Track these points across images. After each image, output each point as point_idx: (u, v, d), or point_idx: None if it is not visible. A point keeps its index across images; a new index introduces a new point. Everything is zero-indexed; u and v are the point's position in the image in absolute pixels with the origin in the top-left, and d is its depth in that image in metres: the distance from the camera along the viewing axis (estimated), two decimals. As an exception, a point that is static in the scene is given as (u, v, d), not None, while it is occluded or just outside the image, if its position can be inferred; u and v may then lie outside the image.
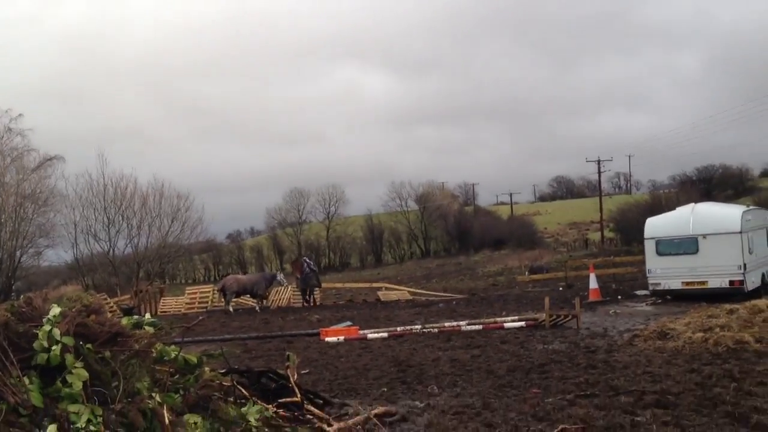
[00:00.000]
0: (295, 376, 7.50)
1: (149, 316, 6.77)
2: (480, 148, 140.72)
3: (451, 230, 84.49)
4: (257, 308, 25.89)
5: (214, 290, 29.45)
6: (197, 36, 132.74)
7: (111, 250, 40.13)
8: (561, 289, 26.92)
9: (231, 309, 25.31)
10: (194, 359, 6.67)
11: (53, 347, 5.33)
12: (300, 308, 26.10)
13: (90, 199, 40.37)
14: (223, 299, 26.62)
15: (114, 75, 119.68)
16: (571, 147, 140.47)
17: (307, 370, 10.51)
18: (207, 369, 6.80)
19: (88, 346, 5.66)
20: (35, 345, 5.34)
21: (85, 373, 5.36)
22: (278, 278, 27.06)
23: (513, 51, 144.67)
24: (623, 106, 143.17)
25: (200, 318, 8.36)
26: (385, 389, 9.30)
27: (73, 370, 5.33)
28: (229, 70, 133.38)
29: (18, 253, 38.33)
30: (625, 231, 61.61)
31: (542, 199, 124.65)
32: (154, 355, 6.46)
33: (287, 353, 7.50)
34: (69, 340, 5.45)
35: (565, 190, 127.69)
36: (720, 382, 8.37)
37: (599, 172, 72.23)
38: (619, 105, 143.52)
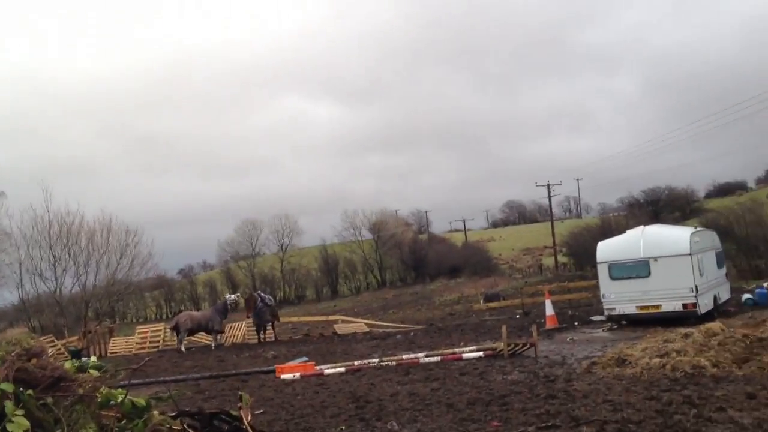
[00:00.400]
0: (249, 417, 7.21)
1: (94, 359, 6.44)
2: (430, 174, 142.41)
3: (407, 259, 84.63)
4: (212, 345, 25.28)
5: (165, 329, 28.69)
6: (144, 71, 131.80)
7: (58, 290, 38.78)
8: (518, 316, 26.98)
9: (183, 348, 24.64)
10: (142, 402, 6.35)
11: (-10, 396, 5.00)
12: (255, 345, 25.57)
13: (35, 237, 38.99)
14: (175, 338, 25.94)
15: (62, 112, 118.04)
16: (521, 171, 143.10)
17: (261, 410, 10.19)
18: (156, 412, 6.49)
19: (29, 392, 5.34)
20: (-30, 393, 5.00)
21: (26, 422, 5.03)
22: (229, 300, 26.44)
23: (455, 78, 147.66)
24: (567, 129, 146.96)
25: (147, 359, 8.01)
26: (343, 428, 9.05)
27: (13, 419, 5.00)
28: (176, 104, 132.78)
29: (-41, 294, 36.85)
30: (578, 255, 62.55)
31: (495, 225, 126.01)
32: (100, 399, 6.15)
33: (240, 393, 7.21)
34: (8, 387, 5.13)
35: (517, 215, 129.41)
36: (680, 409, 8.35)
37: (549, 197, 73.47)
38: (563, 129, 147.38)
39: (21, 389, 5.21)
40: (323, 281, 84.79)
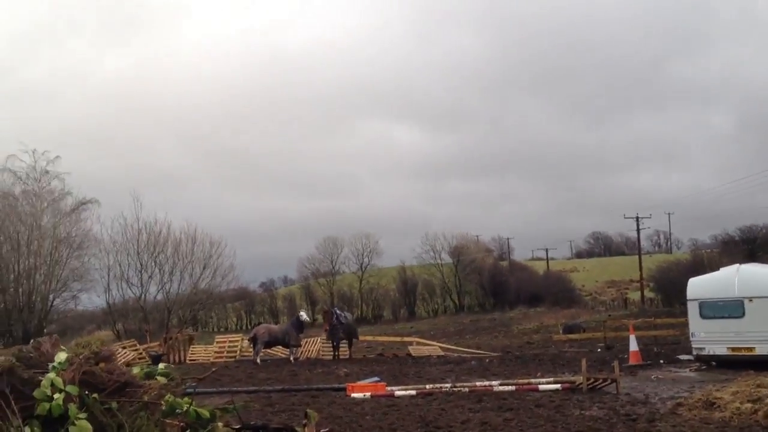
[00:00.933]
0: (315, 435, 7.07)
1: (162, 366, 6.43)
2: (513, 202, 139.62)
3: (486, 285, 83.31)
4: (291, 359, 25.42)
5: (243, 339, 29.11)
6: (233, 89, 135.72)
7: (143, 296, 40.11)
8: (599, 350, 26.02)
9: (259, 360, 24.88)
10: (206, 413, 6.30)
11: (56, 396, 5.02)
12: (330, 361, 25.56)
13: (124, 244, 40.58)
14: (252, 349, 26.23)
15: (153, 125, 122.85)
16: (608, 203, 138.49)
17: (327, 429, 10.03)
18: (220, 424, 6.42)
19: (94, 395, 5.35)
20: (36, 393, 5.04)
21: (88, 426, 5.03)
22: (302, 319, 26.54)
23: (540, 107, 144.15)
24: (658, 163, 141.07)
25: (213, 369, 8.00)
26: (411, 452, 8.78)
27: (76, 422, 5.01)
28: (263, 121, 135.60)
29: (51, 297, 38.46)
30: (665, 291, 60.11)
31: (579, 255, 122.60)
32: (164, 407, 6.12)
33: (306, 410, 7.08)
34: (73, 389, 5.15)
35: (602, 246, 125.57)
36: (774, 460, 7.70)
37: (638, 229, 71.06)
38: (654, 162, 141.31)
39: (86, 392, 5.23)
40: (401, 302, 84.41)
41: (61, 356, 5.36)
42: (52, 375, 5.12)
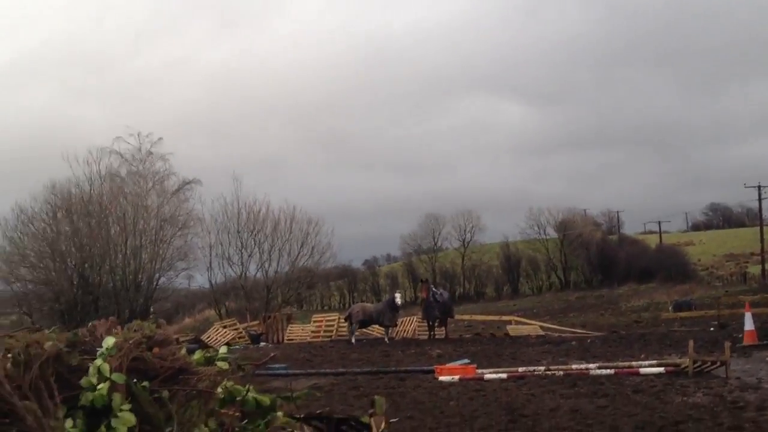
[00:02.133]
0: (382, 425, 6.72)
1: (225, 349, 6.22)
2: (622, 175, 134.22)
3: (593, 260, 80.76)
4: (386, 339, 25.33)
5: (339, 319, 29.27)
6: (331, 73, 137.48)
7: (243, 275, 41.13)
8: (712, 329, 24.44)
9: (353, 340, 24.94)
10: (267, 401, 6.05)
11: (100, 385, 4.85)
12: (425, 341, 25.29)
13: (224, 223, 41.56)
14: (348, 328, 26.33)
15: (255, 111, 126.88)
16: (725, 174, 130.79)
17: (397, 419, 9.69)
18: (280, 413, 6.18)
19: (144, 383, 5.16)
20: (83, 382, 4.87)
21: (132, 418, 4.83)
22: (396, 302, 26.24)
23: (650, 79, 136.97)
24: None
25: (272, 355, 7.77)
26: (490, 443, 8.32)
27: (119, 414, 4.83)
28: (360, 104, 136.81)
29: (157, 276, 40.15)
30: (789, 265, 56.30)
31: (695, 228, 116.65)
32: (223, 395, 5.92)
33: (374, 398, 6.73)
34: (119, 378, 4.94)
35: (721, 218, 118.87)
36: None
37: (760, 199, 66.71)
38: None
39: (134, 381, 5.04)
40: (504, 279, 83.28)
41: (109, 341, 5.16)
42: (99, 362, 4.94)
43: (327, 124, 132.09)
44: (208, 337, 28.36)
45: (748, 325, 19.33)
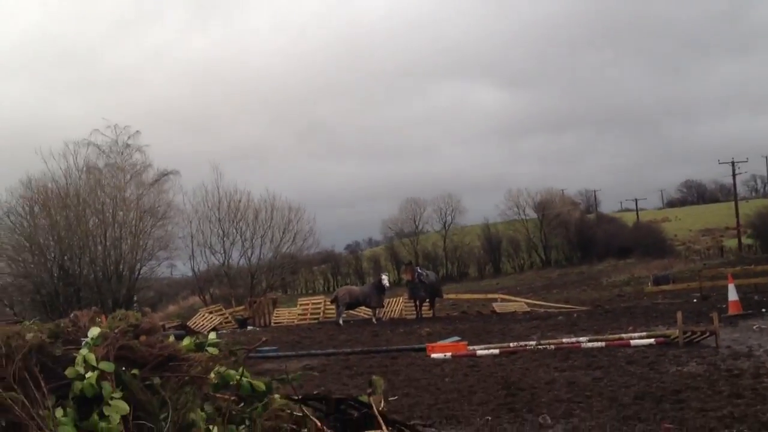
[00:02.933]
0: (381, 404, 6.54)
1: (213, 335, 6.00)
2: (598, 155, 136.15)
3: (573, 238, 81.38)
4: (374, 319, 25.20)
5: (326, 301, 29.18)
6: (309, 59, 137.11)
7: (226, 262, 41.06)
8: (695, 301, 24.62)
9: (341, 322, 24.80)
10: (262, 386, 5.85)
11: (88, 375, 4.62)
12: (412, 320, 25.24)
13: (205, 212, 41.48)
14: (335, 311, 26.22)
15: (233, 99, 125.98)
16: (699, 150, 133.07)
17: (395, 396, 9.54)
18: (277, 396, 5.98)
19: (134, 372, 4.94)
20: (68, 372, 4.64)
21: (124, 406, 4.61)
22: (383, 282, 26.11)
23: (620, 58, 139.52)
24: (747, 108, 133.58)
25: (264, 339, 7.57)
26: (489, 418, 8.18)
27: (111, 402, 4.61)
28: (338, 90, 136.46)
29: (138, 266, 39.79)
30: (764, 237, 57.13)
31: (671, 204, 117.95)
32: (216, 380, 5.70)
33: (372, 378, 6.56)
34: (108, 366, 4.72)
35: (696, 194, 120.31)
36: None
37: (734, 175, 67.65)
38: (743, 107, 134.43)
39: (123, 369, 4.83)
40: (486, 259, 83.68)
41: (94, 331, 4.95)
42: (85, 351, 4.72)
43: (306, 113, 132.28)
44: (195, 323, 28.16)
45: (732, 295, 19.44)
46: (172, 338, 5.75)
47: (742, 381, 9.36)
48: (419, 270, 27.50)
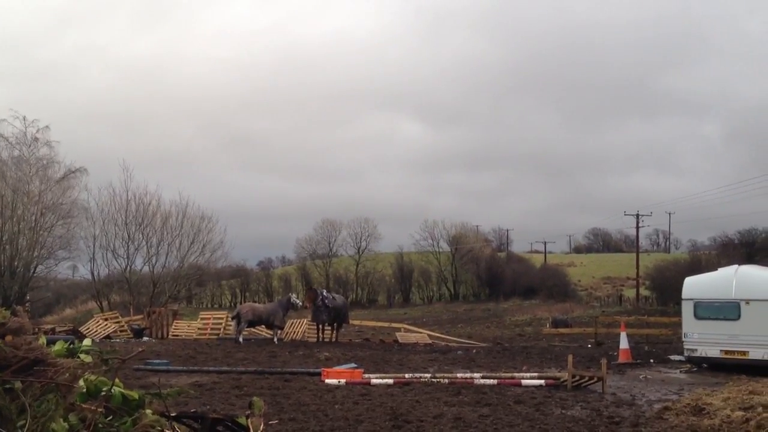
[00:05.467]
0: (261, 427, 6.39)
1: (89, 341, 5.73)
2: (513, 196, 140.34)
3: (482, 275, 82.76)
4: (275, 339, 24.80)
5: (228, 317, 28.50)
6: (246, 73, 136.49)
7: (128, 268, 39.33)
8: (590, 345, 25.43)
9: (241, 339, 24.28)
10: (135, 397, 5.60)
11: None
12: (313, 344, 24.98)
13: (111, 214, 39.48)
14: (235, 327, 25.65)
15: (165, 103, 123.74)
16: (607, 201, 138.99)
17: (277, 420, 9.37)
18: (149, 411, 5.74)
19: (-6, 373, 4.65)
20: None
21: (-26, 410, 4.35)
22: (293, 300, 25.87)
23: (542, 107, 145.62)
24: (651, 167, 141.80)
25: (140, 350, 7.30)
26: (371, 448, 8.13)
27: (-40, 405, 4.32)
28: (271, 108, 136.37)
29: (35, 263, 37.73)
30: (661, 290, 59.49)
31: (578, 250, 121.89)
32: (86, 389, 5.43)
33: (252, 399, 6.41)
34: (-41, 367, 4.45)
35: (601, 243, 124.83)
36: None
37: (637, 227, 70.45)
38: (648, 166, 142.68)
39: (-21, 370, 4.53)
40: (396, 288, 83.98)
41: (-51, 328, 4.64)
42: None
43: (236, 124, 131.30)
44: (88, 329, 27.02)
45: (624, 343, 20.17)
46: (43, 341, 5.47)
47: (620, 429, 9.67)
48: (325, 293, 27.29)
